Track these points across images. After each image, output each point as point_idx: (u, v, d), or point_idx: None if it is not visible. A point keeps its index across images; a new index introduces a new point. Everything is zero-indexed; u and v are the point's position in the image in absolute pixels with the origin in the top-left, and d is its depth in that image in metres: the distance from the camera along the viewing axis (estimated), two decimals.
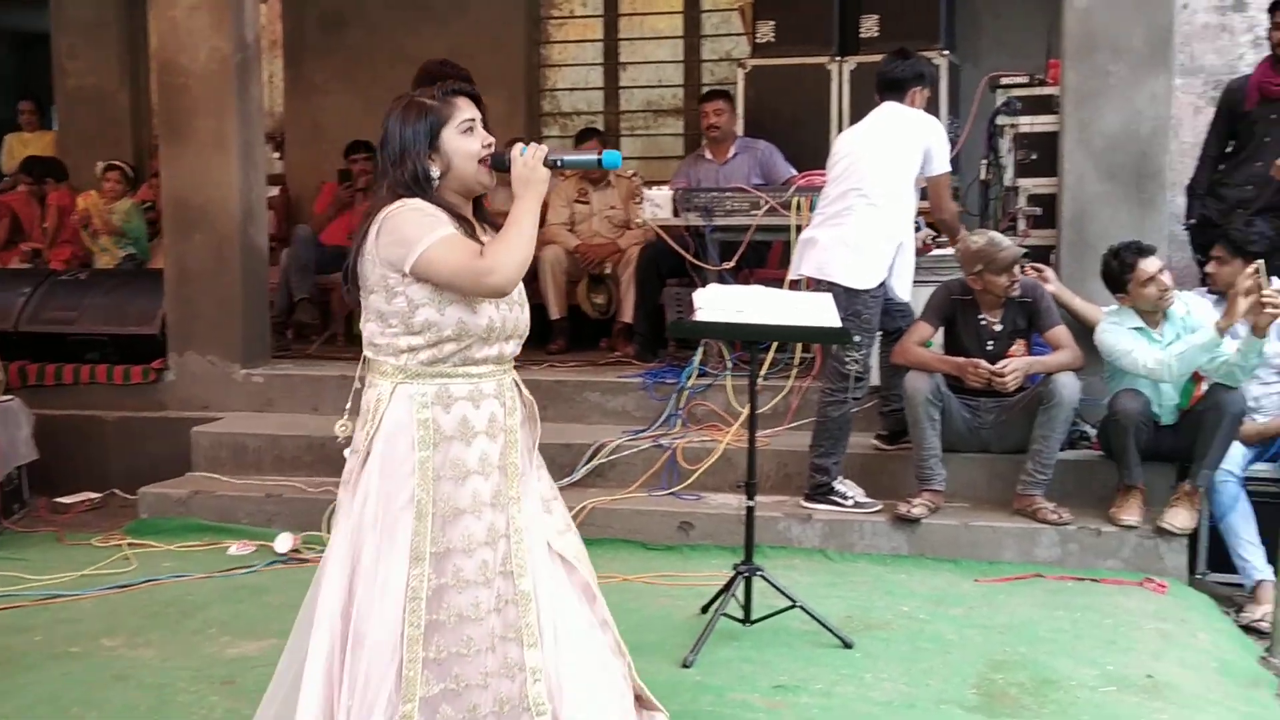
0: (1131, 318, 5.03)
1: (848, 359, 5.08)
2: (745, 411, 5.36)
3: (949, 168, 5.08)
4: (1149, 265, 4.93)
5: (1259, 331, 4.61)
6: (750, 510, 4.23)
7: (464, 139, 2.69)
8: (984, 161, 6.24)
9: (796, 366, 6.09)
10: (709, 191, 6.27)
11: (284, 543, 5.28)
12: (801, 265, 5.19)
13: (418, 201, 2.63)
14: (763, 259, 6.63)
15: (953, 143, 6.59)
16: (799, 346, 6.06)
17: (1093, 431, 5.35)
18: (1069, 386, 4.97)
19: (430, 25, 8.99)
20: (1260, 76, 5.76)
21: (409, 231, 2.58)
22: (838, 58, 6.99)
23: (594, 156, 2.75)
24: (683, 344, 6.55)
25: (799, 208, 5.97)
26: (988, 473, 5.34)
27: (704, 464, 5.54)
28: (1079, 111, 5.55)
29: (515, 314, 2.72)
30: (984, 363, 5.08)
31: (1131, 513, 4.94)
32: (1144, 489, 4.98)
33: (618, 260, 7.14)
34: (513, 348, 2.75)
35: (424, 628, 2.59)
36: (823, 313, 4.21)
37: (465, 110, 2.70)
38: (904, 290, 5.17)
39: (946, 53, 6.81)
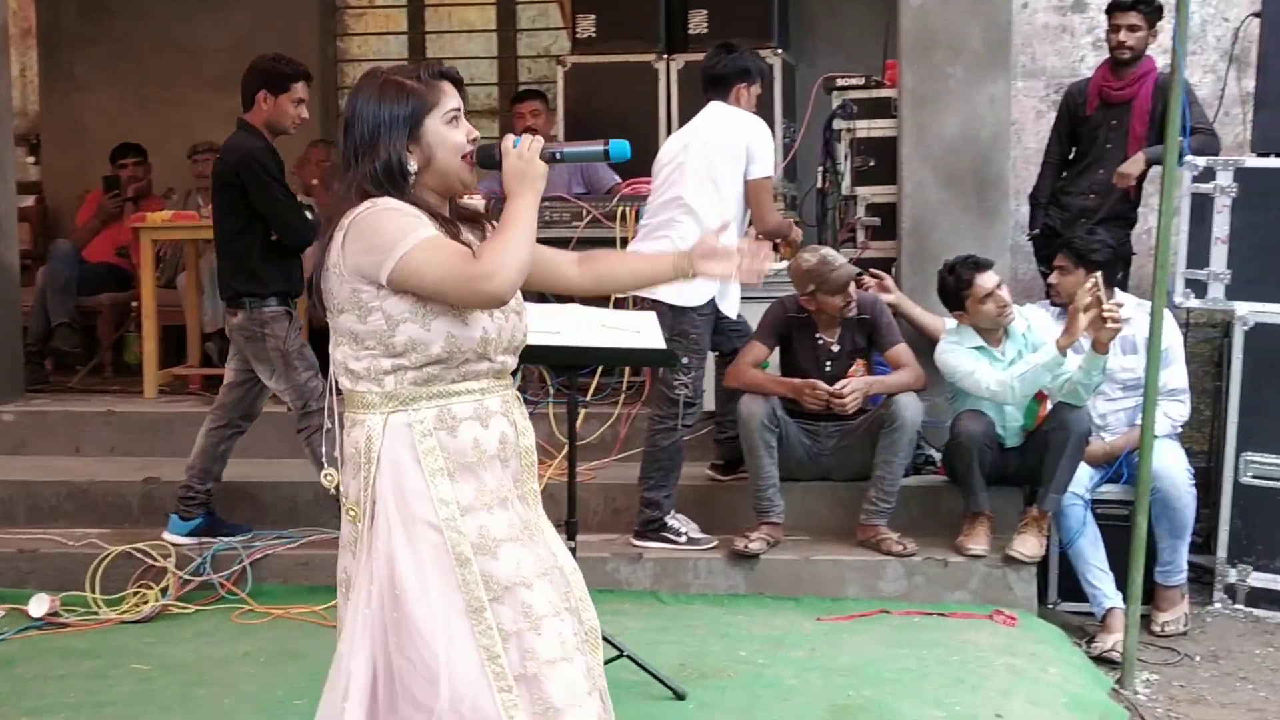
0: (971, 336, 5.22)
1: (676, 383, 5.14)
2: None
3: (770, 171, 5.16)
4: (986, 280, 5.13)
5: (1100, 347, 4.83)
6: (572, 552, 4.23)
7: (449, 129, 2.55)
8: (820, 169, 6.40)
9: (625, 392, 6.12)
10: None
11: (40, 605, 5.07)
12: None
13: (391, 201, 2.49)
14: None
15: (788, 148, 6.83)
16: (627, 370, 6.11)
17: (938, 455, 5.54)
18: (911, 408, 5.13)
19: (206, 13, 8.78)
20: (1100, 80, 6.07)
21: (384, 235, 2.44)
22: (665, 55, 7.08)
23: (599, 147, 2.62)
24: None
25: (625, 219, 6.03)
26: (829, 502, 5.46)
27: None
28: (917, 115, 5.76)
29: (513, 322, 2.59)
30: (822, 384, 5.20)
31: (979, 541, 5.12)
32: (991, 515, 5.17)
33: None
34: (512, 361, 2.63)
35: (515, 689, 2.44)
36: (646, 333, 4.25)
37: (451, 97, 2.57)
38: (731, 307, 5.26)
39: (780, 51, 6.96)
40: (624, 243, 5.79)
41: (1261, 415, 5.27)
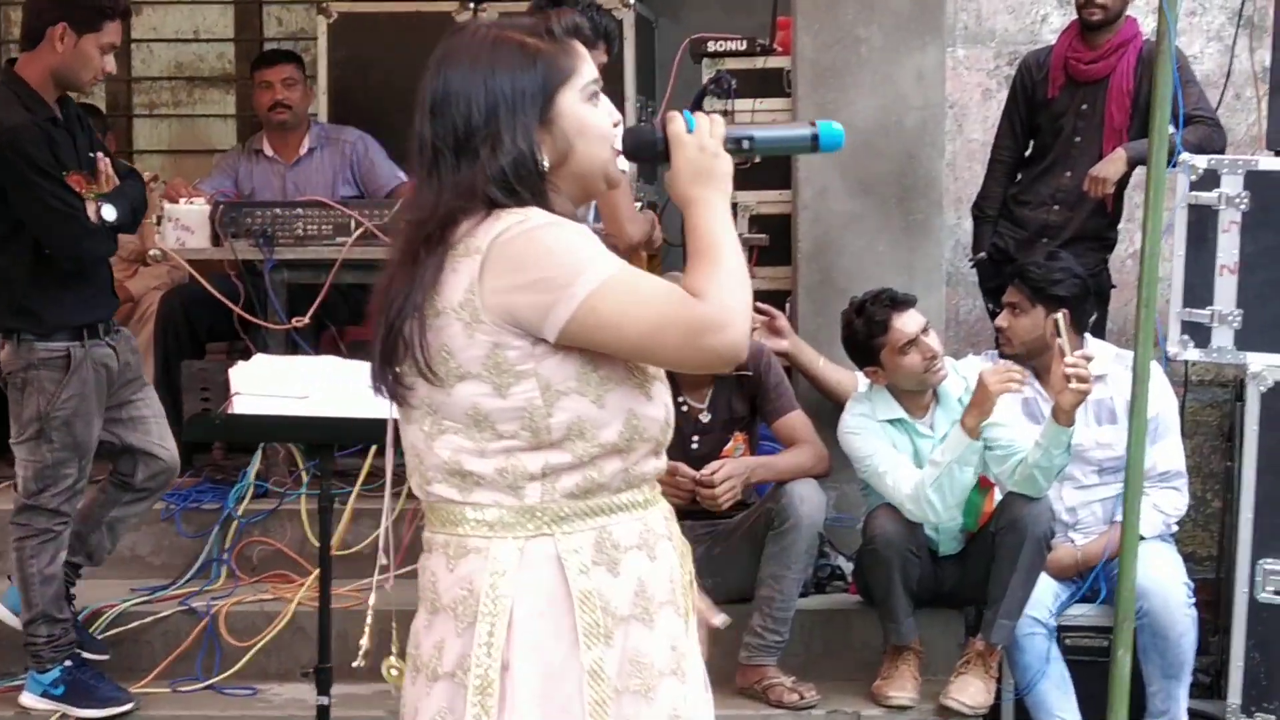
0: (887, 403, 5.26)
1: None
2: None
3: (625, 165, 5.16)
4: (908, 323, 5.16)
5: (1063, 417, 4.90)
6: (323, 711, 4.17)
7: (590, 109, 2.53)
8: None
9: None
10: (270, 206, 6.21)
11: None
12: None
13: (543, 213, 2.44)
14: (358, 312, 6.60)
15: None
16: None
17: (848, 566, 5.56)
18: (809, 501, 5.13)
19: None
20: (1066, 50, 6.20)
21: (555, 265, 2.38)
22: (472, 4, 7.08)
23: (804, 130, 2.62)
24: (236, 447, 6.42)
25: None
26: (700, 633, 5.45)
27: (263, 637, 5.46)
28: (818, 94, 5.81)
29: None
30: (685, 468, 5.20)
31: (903, 687, 5.12)
32: (920, 650, 5.19)
33: (129, 314, 6.95)
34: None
35: None
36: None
37: (588, 63, 2.53)
38: None
39: (632, 2, 7.02)
40: None
41: None
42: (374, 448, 5.87)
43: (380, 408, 4.13)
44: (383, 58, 7.10)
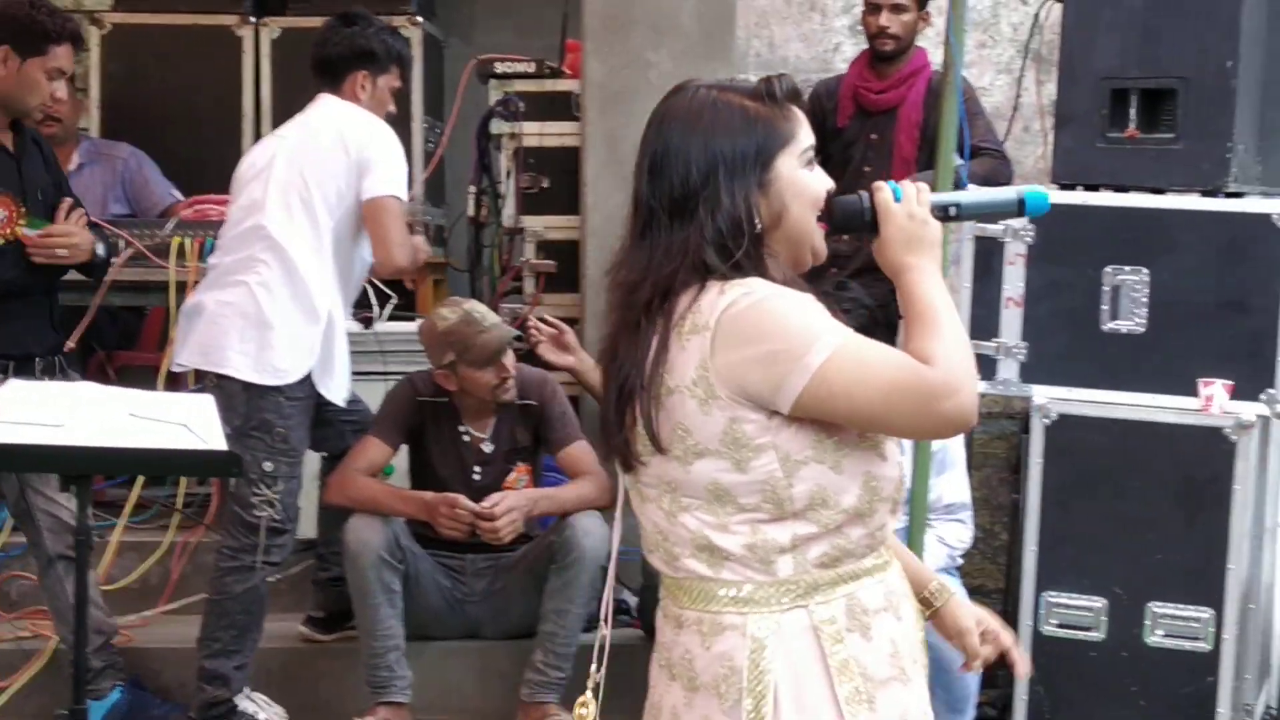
0: None
1: (256, 499, 5.04)
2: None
3: (397, 190, 5.14)
4: None
5: None
6: None
7: (808, 175, 2.55)
8: (473, 189, 6.38)
9: (181, 511, 5.98)
10: None
11: None
12: (183, 349, 5.13)
13: (765, 284, 2.45)
14: (131, 337, 6.44)
15: (429, 157, 6.80)
16: (183, 480, 5.97)
17: (635, 600, 5.55)
18: (593, 534, 5.12)
19: None
20: (856, 79, 6.28)
21: (786, 337, 2.39)
22: (253, 19, 7.01)
23: (1010, 196, 2.69)
24: None
25: (185, 254, 5.86)
26: (479, 670, 5.43)
27: (20, 678, 5.34)
28: (607, 119, 5.81)
29: None
30: (465, 500, 5.16)
31: None
32: None
33: None
34: None
35: None
36: (200, 426, 4.13)
37: (806, 129, 2.56)
38: (338, 389, 5.20)
39: (421, 21, 7.01)
40: (180, 289, 5.63)
41: (1069, 541, 5.44)
42: (141, 479, 5.81)
43: (138, 437, 4.07)
44: (158, 71, 7.01)
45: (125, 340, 6.41)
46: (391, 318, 6.18)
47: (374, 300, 6.02)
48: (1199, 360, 4.99)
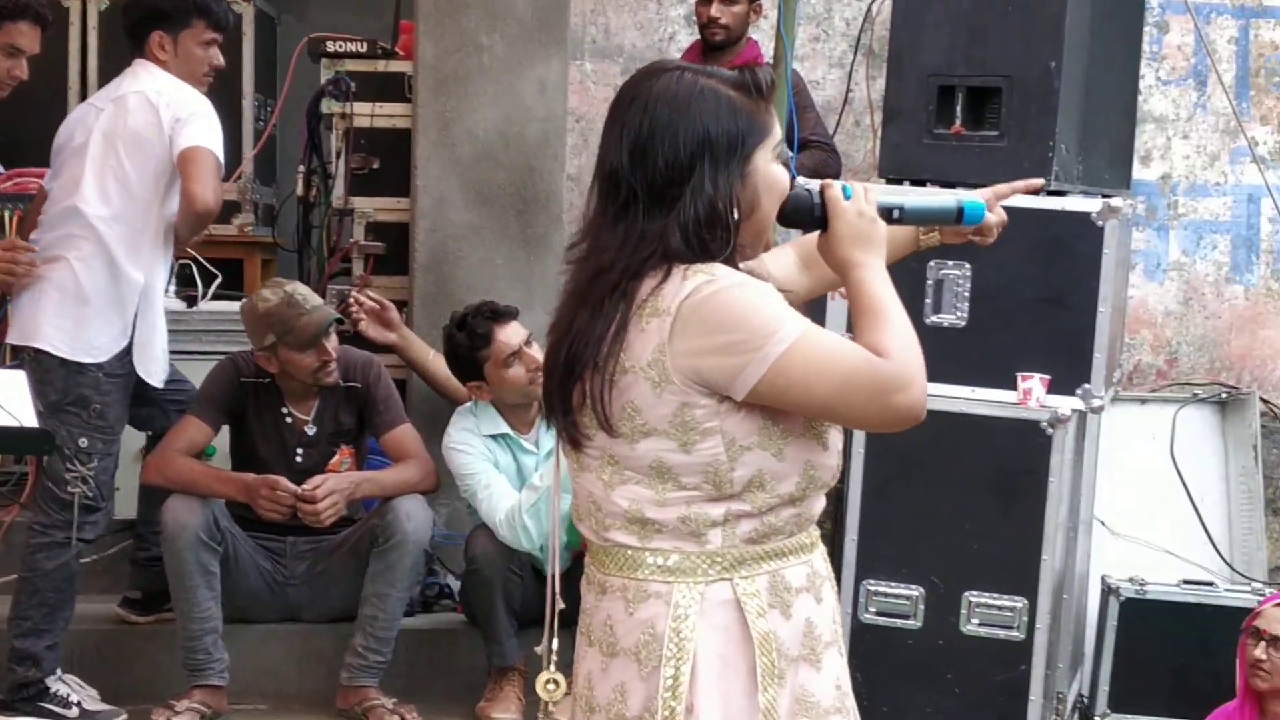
0: (492, 419, 5.28)
1: (70, 476, 4.96)
2: None
3: (207, 143, 5.01)
4: (510, 335, 5.20)
5: None
6: None
7: (778, 168, 2.58)
8: (303, 169, 6.32)
9: None
10: None
11: None
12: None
13: (731, 272, 2.48)
14: None
15: (259, 135, 6.72)
16: None
17: (458, 585, 5.55)
18: (416, 518, 5.11)
19: None
20: None
21: (748, 326, 2.42)
22: None
23: (951, 204, 2.77)
24: None
25: (5, 228, 5.74)
26: (298, 653, 5.39)
27: None
28: (439, 101, 5.81)
29: None
30: (285, 482, 5.13)
31: (506, 708, 5.14)
32: (524, 670, 5.20)
33: None
34: None
35: None
36: (11, 402, 4.03)
37: (776, 122, 2.59)
38: (157, 371, 5.14)
39: None
40: None
41: (889, 531, 5.50)
42: None
43: None
44: None
45: None
46: (216, 297, 6.13)
47: (198, 279, 5.96)
48: (1018, 354, 5.08)
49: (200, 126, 5.02)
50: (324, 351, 5.17)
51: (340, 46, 6.27)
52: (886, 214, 2.65)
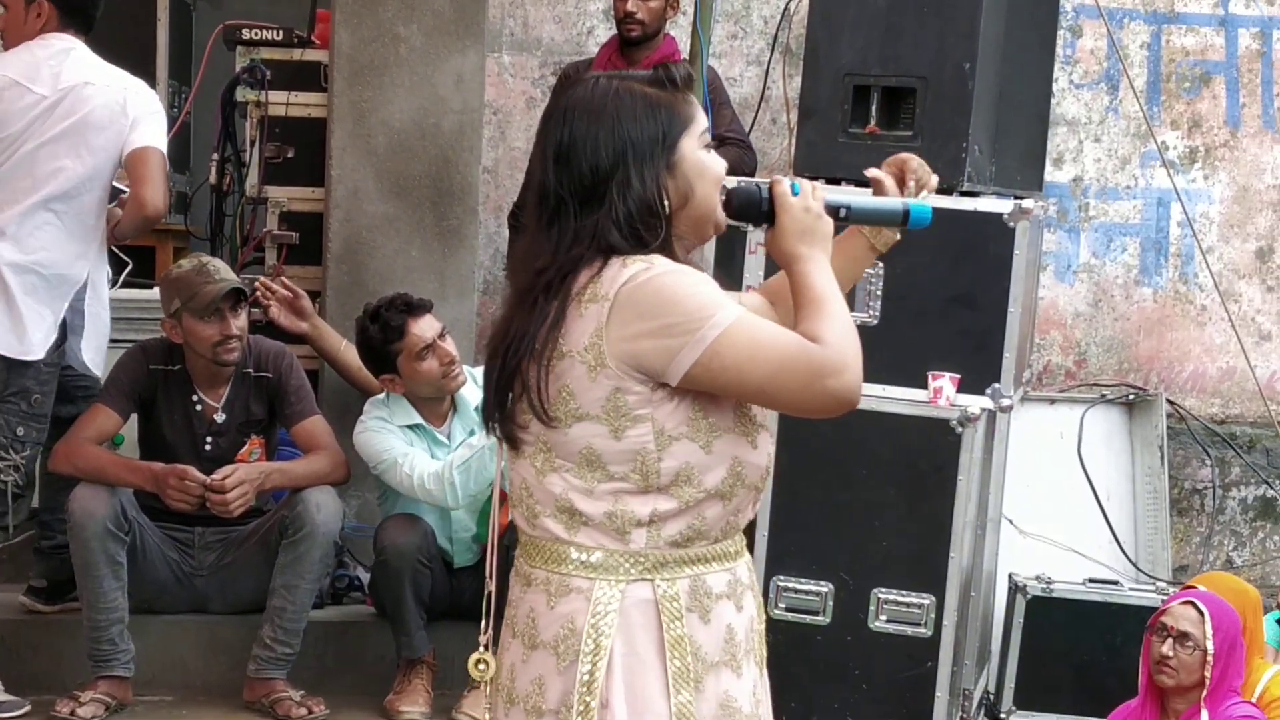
0: (405, 410, 5.27)
1: (3, 464, 5.00)
2: None
3: (160, 143, 5.10)
4: (424, 328, 5.18)
5: None
6: None
7: (708, 156, 2.63)
8: (216, 157, 6.28)
9: None
10: None
11: None
12: None
13: (666, 260, 2.53)
14: None
15: (173, 121, 6.66)
16: None
17: (368, 577, 5.53)
18: (325, 509, 5.10)
19: None
20: (605, 63, 6.28)
21: (682, 311, 2.47)
22: None
23: (898, 206, 2.79)
24: None
25: None
26: (205, 645, 5.37)
27: None
28: (354, 91, 5.79)
29: None
30: (194, 471, 5.10)
31: (415, 701, 5.13)
32: (435, 664, 5.22)
33: None
34: None
35: None
36: None
37: (700, 112, 2.66)
38: (97, 356, 5.19)
39: None
40: None
41: (798, 528, 5.53)
42: None
43: None
44: None
45: None
46: (126, 284, 6.08)
47: (108, 266, 5.91)
48: (929, 353, 5.12)
49: (154, 125, 5.08)
50: (226, 326, 5.12)
51: (256, 34, 6.22)
52: (834, 212, 2.69)
